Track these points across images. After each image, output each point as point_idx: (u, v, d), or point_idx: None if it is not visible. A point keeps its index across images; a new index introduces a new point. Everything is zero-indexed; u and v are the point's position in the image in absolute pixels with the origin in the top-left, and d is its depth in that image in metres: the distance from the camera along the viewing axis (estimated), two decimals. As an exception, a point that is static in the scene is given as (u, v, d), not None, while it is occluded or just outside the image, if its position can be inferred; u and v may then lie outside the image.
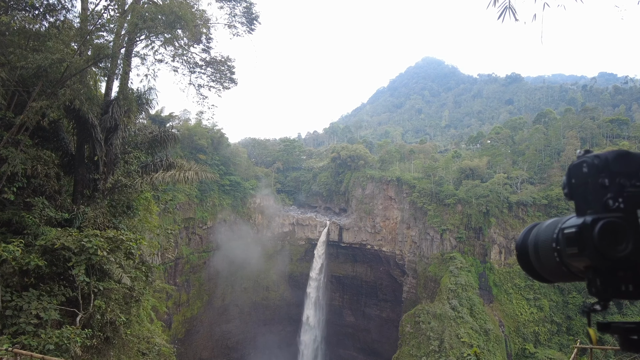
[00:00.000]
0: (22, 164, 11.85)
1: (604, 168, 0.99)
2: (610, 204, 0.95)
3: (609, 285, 0.93)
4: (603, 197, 0.97)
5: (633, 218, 0.94)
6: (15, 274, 11.25)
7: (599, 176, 0.99)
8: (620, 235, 0.92)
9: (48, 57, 11.20)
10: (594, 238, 0.92)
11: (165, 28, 10.70)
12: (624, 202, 0.95)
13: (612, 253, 0.90)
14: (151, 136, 14.01)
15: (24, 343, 10.23)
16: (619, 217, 0.94)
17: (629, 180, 0.98)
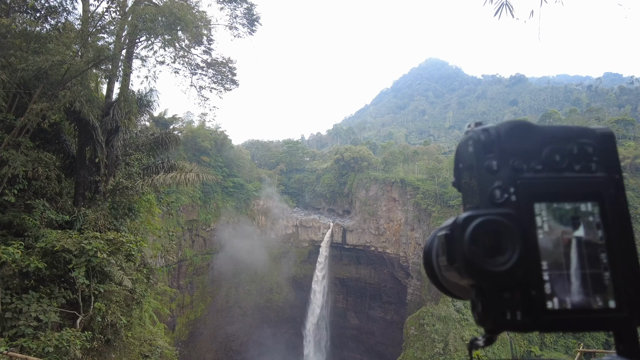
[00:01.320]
0: (23, 166, 11.85)
1: (492, 145, 0.73)
2: (496, 196, 0.70)
3: (490, 311, 0.67)
4: (489, 186, 0.71)
5: (527, 216, 0.69)
6: (15, 276, 11.22)
7: (486, 157, 0.72)
8: (503, 241, 0.67)
9: (48, 59, 11.19)
10: (463, 244, 0.67)
11: (165, 29, 10.66)
12: (517, 192, 0.70)
13: (486, 266, 0.66)
14: (152, 138, 13.98)
15: (23, 346, 10.19)
16: (504, 215, 0.68)
17: (527, 162, 0.72)
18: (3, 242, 11.27)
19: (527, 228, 0.68)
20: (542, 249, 0.67)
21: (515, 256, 0.66)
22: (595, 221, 0.69)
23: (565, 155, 0.72)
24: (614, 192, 0.71)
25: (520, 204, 0.70)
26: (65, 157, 13.19)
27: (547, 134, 0.74)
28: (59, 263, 11.51)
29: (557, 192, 0.71)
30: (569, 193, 0.70)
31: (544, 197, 0.70)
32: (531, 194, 0.71)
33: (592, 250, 0.68)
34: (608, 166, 0.72)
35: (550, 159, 0.72)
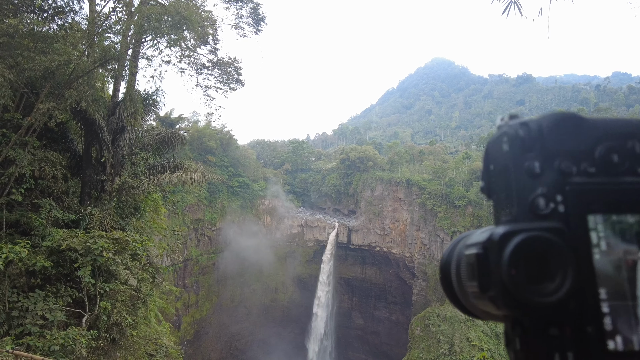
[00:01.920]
0: (30, 166, 11.92)
1: (533, 143, 0.58)
2: (540, 206, 0.56)
3: (532, 352, 0.54)
4: (530, 193, 0.57)
5: (579, 231, 0.54)
6: (22, 275, 11.31)
7: (526, 157, 0.58)
8: (552, 264, 0.53)
9: (55, 59, 11.24)
10: (501, 268, 0.52)
11: (171, 29, 10.66)
12: (566, 201, 0.56)
13: (531, 296, 0.52)
14: (158, 137, 14.02)
15: (30, 344, 10.26)
16: (552, 230, 0.54)
17: (577, 163, 0.57)
18: (10, 240, 11.35)
19: (581, 247, 0.53)
20: (600, 273, 0.53)
21: (568, 283, 0.51)
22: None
23: (625, 155, 0.57)
24: None
25: (571, 216, 0.54)
26: (72, 157, 13.26)
27: (601, 129, 0.59)
28: (65, 262, 11.57)
29: (616, 201, 0.55)
30: (633, 202, 0.55)
31: (601, 208, 0.55)
32: (584, 203, 0.55)
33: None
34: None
35: (606, 160, 0.57)
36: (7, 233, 11.99)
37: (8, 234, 11.99)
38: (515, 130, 0.59)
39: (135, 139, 13.52)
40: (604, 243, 0.53)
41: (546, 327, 0.51)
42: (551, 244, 0.53)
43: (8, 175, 11.59)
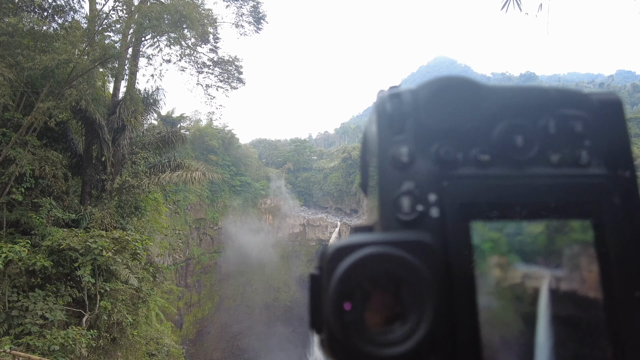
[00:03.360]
0: (30, 165, 11.91)
1: (402, 120, 0.42)
2: (403, 208, 0.39)
3: None
4: (394, 190, 0.41)
5: (457, 247, 0.38)
6: (22, 274, 11.31)
7: (393, 140, 0.42)
8: (404, 296, 0.37)
9: (55, 58, 11.21)
10: (327, 300, 0.37)
11: (171, 27, 10.60)
12: (441, 203, 0.39)
13: (366, 346, 0.35)
14: (159, 136, 13.97)
15: (29, 344, 10.24)
16: (411, 245, 0.37)
17: (463, 148, 0.41)
18: (10, 240, 11.34)
19: (457, 269, 0.37)
20: (485, 308, 0.36)
21: (424, 326, 0.34)
22: (586, 256, 0.38)
23: (533, 136, 0.41)
24: (620, 202, 0.39)
25: (447, 224, 0.38)
26: (72, 156, 13.24)
27: (503, 101, 0.42)
28: (65, 261, 11.56)
29: (516, 203, 0.39)
30: (540, 205, 0.39)
31: (493, 212, 0.38)
32: (468, 205, 0.38)
33: (580, 310, 0.37)
34: (612, 157, 0.41)
35: (507, 144, 0.41)
36: (7, 232, 12.00)
37: (8, 233, 12.00)
38: (383, 104, 0.42)
39: (136, 138, 13.49)
40: (494, 263, 0.37)
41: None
42: (404, 267, 0.35)
43: (8, 175, 11.58)
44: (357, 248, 0.36)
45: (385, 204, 0.39)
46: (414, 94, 0.43)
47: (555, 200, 0.39)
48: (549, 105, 0.42)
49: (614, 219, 0.38)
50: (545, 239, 0.37)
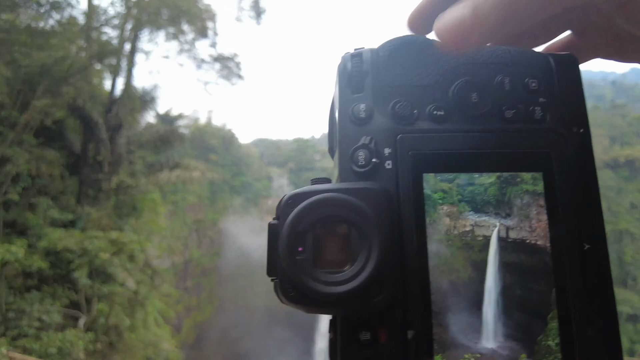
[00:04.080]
0: (27, 164, 11.75)
1: (362, 79, 0.43)
2: (358, 160, 0.41)
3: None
4: (352, 145, 0.42)
5: (411, 197, 0.39)
6: (19, 276, 11.18)
7: (352, 98, 0.43)
8: (353, 239, 0.37)
9: (52, 55, 11.09)
10: (279, 242, 0.38)
11: (170, 23, 10.41)
12: (396, 155, 0.41)
13: (314, 284, 0.37)
14: (157, 135, 13.79)
15: (26, 346, 10.09)
16: (361, 192, 0.37)
17: (420, 104, 0.42)
18: (7, 240, 11.18)
19: (407, 215, 0.38)
20: (435, 255, 0.37)
21: (369, 268, 0.35)
22: (535, 206, 0.37)
23: (488, 93, 0.42)
24: (573, 158, 0.40)
25: (400, 175, 0.39)
26: (69, 155, 13.08)
27: (461, 59, 0.43)
28: (62, 263, 11.40)
29: (469, 156, 0.40)
30: (493, 155, 0.40)
31: (445, 165, 0.39)
32: (420, 157, 0.40)
33: (528, 257, 0.37)
34: (566, 114, 0.42)
35: (463, 100, 0.41)
36: (4, 233, 11.84)
37: (5, 234, 11.84)
38: (344, 63, 0.44)
39: (134, 137, 13.32)
40: (444, 212, 0.39)
41: (356, 330, 0.37)
42: (351, 209, 0.36)
43: (5, 175, 11.42)
44: (309, 195, 0.38)
45: (343, 157, 0.41)
46: (374, 53, 0.44)
47: (508, 150, 0.40)
48: (505, 63, 0.43)
49: (564, 171, 0.39)
50: (496, 190, 0.38)
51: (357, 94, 0.42)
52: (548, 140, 0.40)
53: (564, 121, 0.41)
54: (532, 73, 0.43)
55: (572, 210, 0.38)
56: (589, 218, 0.39)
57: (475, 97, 0.42)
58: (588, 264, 0.37)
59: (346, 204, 0.36)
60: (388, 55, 0.43)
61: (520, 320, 0.35)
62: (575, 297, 0.37)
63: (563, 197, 0.39)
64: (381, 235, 0.36)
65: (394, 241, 0.36)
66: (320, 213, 0.37)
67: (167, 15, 10.33)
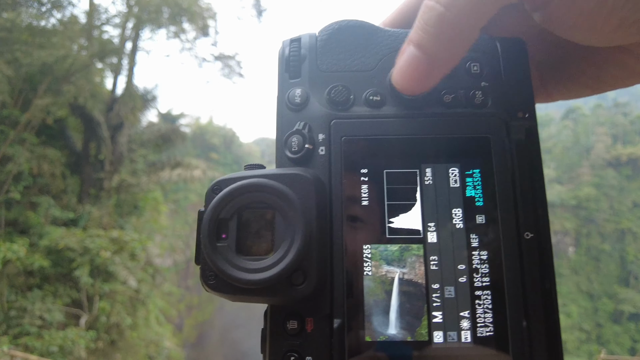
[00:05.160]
0: (28, 163, 11.76)
1: (299, 64, 0.43)
2: (291, 146, 0.41)
3: (270, 353, 0.40)
4: (287, 130, 0.42)
5: (340, 185, 0.39)
6: (21, 274, 11.18)
7: (289, 84, 0.43)
8: (277, 227, 0.37)
9: (53, 53, 11.08)
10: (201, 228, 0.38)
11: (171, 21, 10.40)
12: (329, 141, 0.40)
13: (235, 271, 0.36)
14: (159, 134, 13.77)
15: (28, 344, 10.09)
16: (287, 178, 0.38)
17: (357, 89, 0.42)
18: (8, 239, 11.18)
19: (338, 205, 0.38)
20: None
21: (291, 255, 0.35)
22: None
23: None
24: (516, 143, 0.39)
25: (333, 162, 0.39)
26: (71, 154, 13.08)
27: (399, 43, 0.41)
28: (64, 261, 11.40)
29: (403, 142, 0.39)
30: (427, 143, 0.40)
31: (377, 152, 0.39)
32: (351, 142, 0.39)
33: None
34: (509, 98, 0.40)
35: None
36: (5, 232, 11.85)
37: (7, 232, 11.85)
38: (283, 49, 0.43)
39: (135, 136, 13.30)
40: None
41: (284, 320, 0.38)
42: (276, 195, 0.36)
43: (6, 173, 11.43)
44: (234, 181, 0.38)
45: (278, 143, 0.41)
46: (312, 38, 0.43)
47: (445, 135, 0.39)
48: None
49: (504, 157, 0.38)
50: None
51: (294, 79, 0.42)
52: (488, 125, 0.39)
53: (507, 106, 0.40)
54: (474, 57, 0.42)
55: (510, 197, 0.37)
56: (532, 206, 0.38)
57: None
58: (529, 253, 0.37)
59: (271, 190, 0.36)
60: (326, 39, 0.42)
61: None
62: (511, 285, 0.36)
63: (501, 184, 0.38)
64: (306, 222, 0.35)
65: (320, 229, 0.36)
66: (244, 199, 0.37)
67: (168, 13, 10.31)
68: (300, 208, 0.35)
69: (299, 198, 0.36)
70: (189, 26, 11.17)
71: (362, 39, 0.42)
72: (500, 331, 0.36)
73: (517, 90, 0.40)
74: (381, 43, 0.42)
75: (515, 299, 0.36)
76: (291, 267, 0.35)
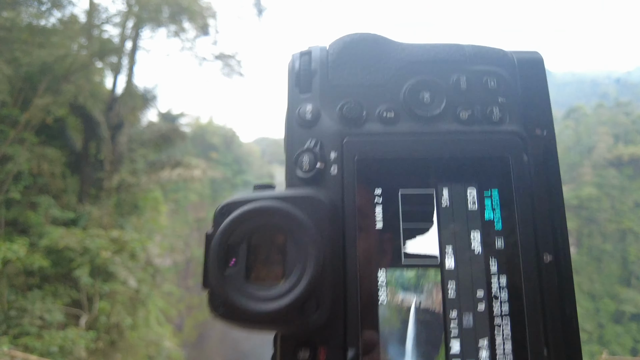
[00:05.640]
0: (28, 162, 11.75)
1: (309, 79, 0.40)
2: (302, 165, 0.38)
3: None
4: (298, 148, 0.39)
5: (353, 207, 0.36)
6: (20, 274, 11.18)
7: (300, 99, 0.40)
8: (289, 251, 0.34)
9: (53, 53, 11.07)
10: (209, 253, 0.36)
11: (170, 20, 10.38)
12: (342, 160, 0.37)
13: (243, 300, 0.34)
14: (159, 133, 13.75)
15: (28, 344, 10.08)
16: (300, 200, 0.35)
17: (370, 105, 0.39)
18: (8, 239, 11.18)
19: (351, 228, 0.36)
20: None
21: (304, 283, 0.33)
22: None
23: (442, 92, 0.39)
24: (534, 162, 0.37)
25: (346, 182, 0.37)
26: (71, 153, 13.08)
27: (414, 57, 0.40)
28: (64, 261, 11.39)
29: (418, 162, 0.37)
30: (443, 163, 0.37)
31: (391, 172, 0.37)
32: (366, 163, 0.37)
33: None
34: (529, 115, 0.38)
35: (414, 100, 0.38)
36: (5, 231, 11.84)
37: (6, 232, 11.85)
38: (293, 62, 0.41)
39: (135, 135, 13.29)
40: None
41: (296, 348, 0.35)
42: (288, 219, 0.34)
43: (6, 173, 11.42)
44: (244, 203, 0.35)
45: (289, 162, 0.39)
46: (324, 51, 0.42)
47: (462, 155, 0.37)
48: (462, 61, 0.40)
49: (523, 176, 0.37)
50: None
51: (304, 94, 0.40)
52: (506, 144, 0.37)
53: (525, 122, 0.38)
54: (491, 71, 0.39)
55: (530, 219, 0.35)
56: (551, 227, 0.36)
57: (428, 97, 0.38)
58: (548, 278, 0.35)
59: (282, 213, 0.34)
60: (338, 53, 0.40)
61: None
62: (531, 312, 0.34)
63: (521, 205, 0.36)
64: (318, 247, 0.33)
65: (333, 254, 0.34)
66: (254, 223, 0.35)
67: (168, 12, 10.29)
68: (312, 232, 0.33)
69: (311, 221, 0.34)
70: (189, 25, 11.17)
71: (375, 52, 0.40)
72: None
73: (535, 105, 0.39)
74: (395, 57, 0.40)
75: (535, 327, 0.34)
76: (304, 295, 0.33)
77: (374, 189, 0.36)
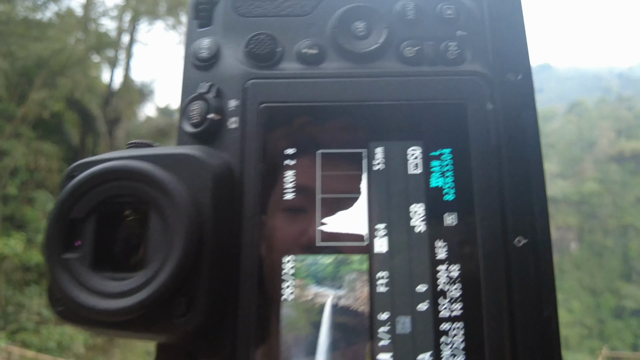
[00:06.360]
0: (25, 158, 11.73)
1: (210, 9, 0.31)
2: (190, 115, 0.28)
3: None
4: (189, 94, 0.29)
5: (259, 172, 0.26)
6: (18, 270, 11.21)
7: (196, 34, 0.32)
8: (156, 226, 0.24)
9: (49, 47, 11.01)
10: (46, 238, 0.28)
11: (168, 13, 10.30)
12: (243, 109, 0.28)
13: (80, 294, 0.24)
14: (156, 129, 13.70)
15: (25, 340, 10.12)
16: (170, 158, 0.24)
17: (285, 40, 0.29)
18: (5, 234, 11.20)
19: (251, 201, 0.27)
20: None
21: (169, 268, 0.24)
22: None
23: (382, 22, 0.29)
24: (500, 119, 0.28)
25: (248, 140, 0.28)
26: (68, 148, 13.06)
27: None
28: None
29: (345, 112, 0.28)
30: (380, 112, 0.28)
31: (309, 126, 0.29)
32: (277, 112, 0.28)
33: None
34: (495, 53, 0.29)
35: (345, 33, 0.29)
36: (2, 227, 11.85)
37: (3, 227, 11.86)
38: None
39: (132, 130, 13.26)
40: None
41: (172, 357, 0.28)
42: (151, 186, 0.25)
43: (3, 168, 11.41)
44: (98, 163, 0.27)
45: (180, 114, 0.31)
46: None
47: (403, 101, 0.29)
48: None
49: (486, 132, 0.28)
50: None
51: (203, 27, 0.31)
52: (463, 87, 0.28)
53: (493, 63, 0.28)
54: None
55: (494, 188, 0.27)
56: (526, 200, 0.27)
57: (363, 28, 0.29)
58: (521, 267, 0.26)
59: (144, 178, 0.25)
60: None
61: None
62: (493, 314, 0.26)
63: (482, 170, 0.27)
64: (190, 223, 0.24)
65: (218, 234, 0.25)
66: (105, 191, 0.25)
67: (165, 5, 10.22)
68: (184, 204, 0.24)
69: (185, 189, 0.25)
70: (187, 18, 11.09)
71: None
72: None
73: (506, 43, 0.30)
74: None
75: (498, 335, 0.25)
76: (163, 290, 0.23)
77: (285, 148, 0.28)
